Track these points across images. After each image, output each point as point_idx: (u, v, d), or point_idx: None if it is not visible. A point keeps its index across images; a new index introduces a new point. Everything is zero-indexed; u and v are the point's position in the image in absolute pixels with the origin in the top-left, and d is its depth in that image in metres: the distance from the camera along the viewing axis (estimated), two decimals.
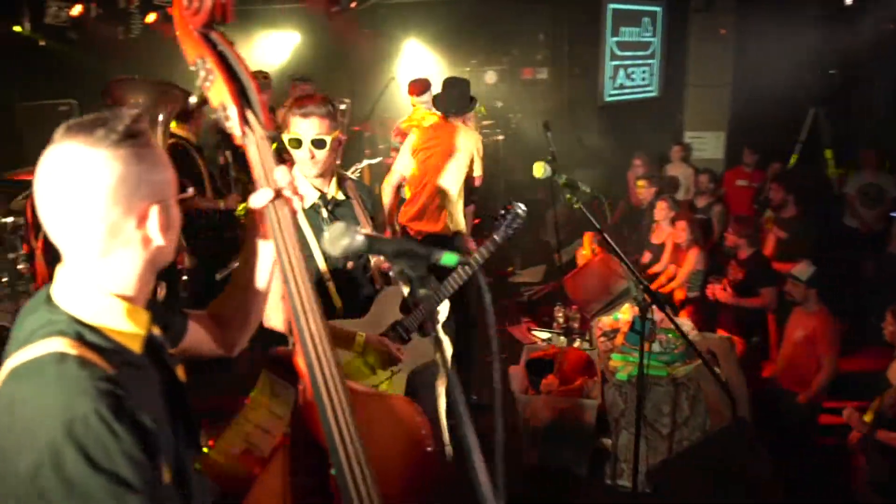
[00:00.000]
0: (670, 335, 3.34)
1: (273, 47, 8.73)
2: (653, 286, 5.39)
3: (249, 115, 1.33)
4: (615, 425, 3.04)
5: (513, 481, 2.83)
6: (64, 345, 0.99)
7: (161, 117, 3.15)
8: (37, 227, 3.34)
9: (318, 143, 2.20)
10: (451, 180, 3.80)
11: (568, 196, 2.46)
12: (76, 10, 5.86)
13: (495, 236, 2.61)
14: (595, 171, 8.13)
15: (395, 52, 9.05)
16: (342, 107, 6.20)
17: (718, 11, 8.22)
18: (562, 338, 4.55)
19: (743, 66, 8.19)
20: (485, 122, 7.68)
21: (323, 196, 2.33)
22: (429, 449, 1.59)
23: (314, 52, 8.83)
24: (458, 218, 3.89)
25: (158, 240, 1.09)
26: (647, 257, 5.88)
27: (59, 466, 0.90)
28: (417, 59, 9.03)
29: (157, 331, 1.20)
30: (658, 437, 3.04)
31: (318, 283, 2.29)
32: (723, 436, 2.82)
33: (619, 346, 3.30)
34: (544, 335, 4.69)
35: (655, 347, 3.17)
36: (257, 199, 1.23)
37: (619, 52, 8.18)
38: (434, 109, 4.37)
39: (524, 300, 5.36)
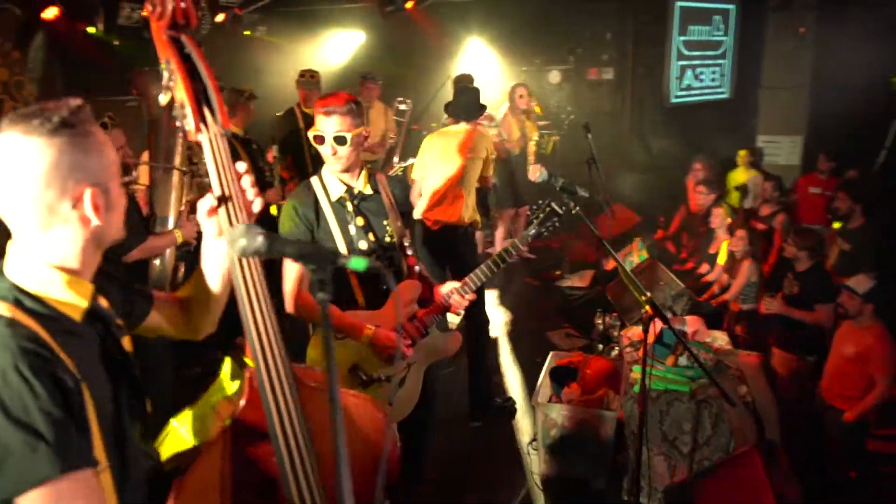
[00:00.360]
0: (702, 349, 3.17)
1: (338, 46, 8.93)
2: (704, 297, 5.17)
3: (206, 114, 1.39)
4: (634, 439, 2.93)
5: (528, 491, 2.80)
6: (1, 308, 1.09)
7: None
8: None
9: (340, 140, 2.25)
10: (463, 179, 3.80)
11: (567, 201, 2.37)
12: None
13: (527, 233, 2.55)
14: (656, 175, 7.88)
15: (456, 51, 9.07)
16: (402, 107, 6.28)
17: (797, 9, 7.77)
18: (600, 346, 4.43)
19: (823, 67, 7.71)
20: (540, 122, 7.57)
21: (349, 190, 2.37)
22: (385, 448, 1.57)
23: (378, 51, 8.97)
24: (472, 211, 3.90)
25: (95, 220, 1.17)
26: (704, 267, 5.64)
27: None
28: (479, 57, 9.01)
29: (104, 303, 1.29)
30: (678, 455, 2.90)
31: (341, 278, 2.32)
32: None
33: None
34: (581, 342, 4.57)
35: (683, 361, 3.02)
36: (204, 204, 1.32)
37: (686, 52, 7.86)
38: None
39: (568, 305, 5.24)
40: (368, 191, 2.41)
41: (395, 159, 5.89)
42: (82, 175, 1.15)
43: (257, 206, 1.41)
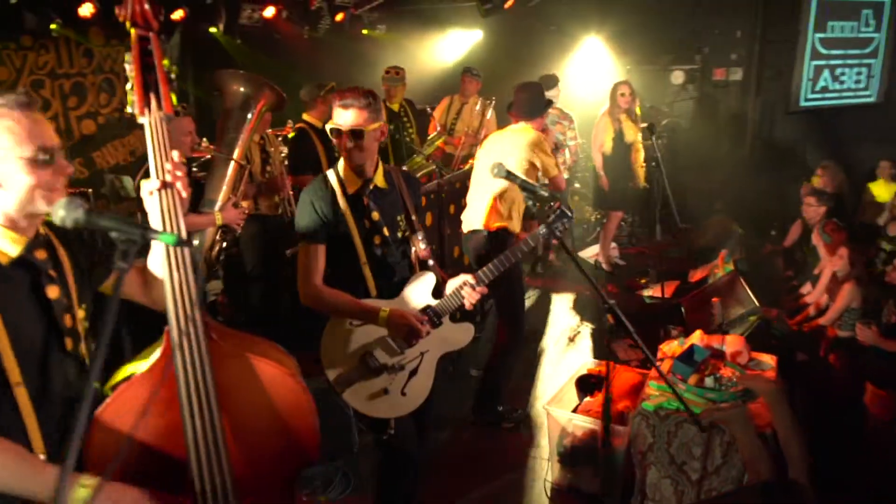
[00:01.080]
0: (736, 369, 2.92)
1: (454, 44, 9.10)
2: (797, 319, 4.72)
3: (152, 100, 1.58)
4: (641, 458, 2.76)
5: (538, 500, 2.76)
6: None
7: (255, 106, 3.55)
8: None
9: (356, 134, 2.28)
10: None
11: (529, 202, 2.27)
12: (269, 12, 6.70)
13: (536, 233, 2.49)
14: (777, 184, 7.23)
15: (572, 49, 8.90)
16: (478, 106, 6.27)
17: None
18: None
19: None
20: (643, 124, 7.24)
21: (365, 184, 2.41)
22: (305, 419, 1.67)
23: (493, 48, 9.05)
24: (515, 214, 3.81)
25: None
26: (806, 287, 5.14)
27: None
28: (594, 55, 8.78)
29: (41, 256, 1.52)
30: (686, 481, 2.69)
31: (355, 268, 2.40)
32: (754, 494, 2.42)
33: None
34: (641, 354, 4.36)
35: (709, 382, 2.80)
36: (147, 185, 1.53)
37: (823, 51, 7.13)
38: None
39: (643, 315, 5.00)
40: (383, 185, 2.47)
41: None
42: None
43: (184, 192, 1.58)
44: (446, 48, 9.07)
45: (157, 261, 1.64)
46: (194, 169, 3.86)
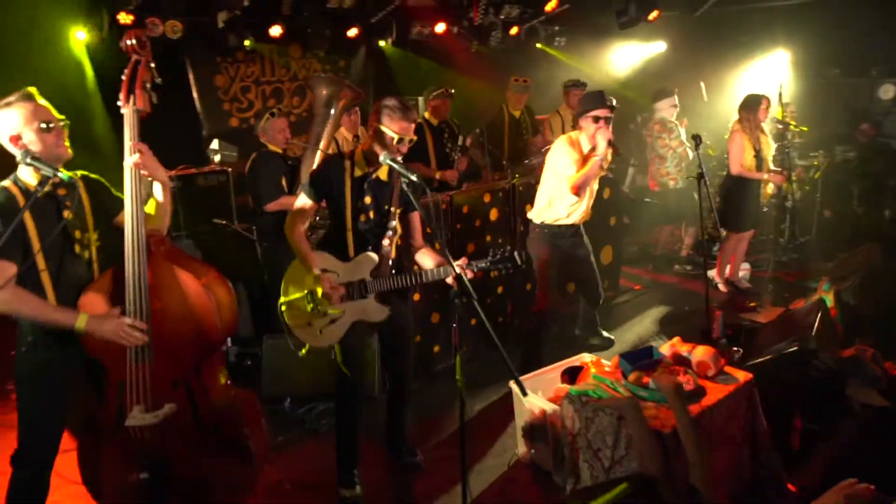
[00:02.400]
0: (693, 377, 2.94)
1: (635, 56, 9.18)
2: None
3: (130, 97, 2.41)
4: (571, 440, 2.92)
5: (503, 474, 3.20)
6: (7, 183, 2.34)
7: (336, 103, 4.38)
8: None
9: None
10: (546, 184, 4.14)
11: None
12: (440, 27, 7.57)
13: (476, 263, 2.85)
14: None
15: (753, 59, 8.41)
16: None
17: None
18: None
19: None
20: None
21: (368, 174, 3.04)
22: (209, 315, 2.40)
23: (673, 60, 8.95)
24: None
25: (14, 149, 2.32)
26: None
27: None
28: (780, 66, 8.19)
29: (62, 192, 2.41)
30: (600, 467, 2.79)
31: (342, 233, 3.05)
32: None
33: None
34: None
35: (651, 383, 2.87)
36: (127, 161, 2.36)
37: None
38: None
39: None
40: (384, 178, 3.06)
41: None
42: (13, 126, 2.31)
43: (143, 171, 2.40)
44: (626, 60, 9.17)
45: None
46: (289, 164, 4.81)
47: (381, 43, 7.33)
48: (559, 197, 4.04)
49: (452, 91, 5.62)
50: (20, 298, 2.25)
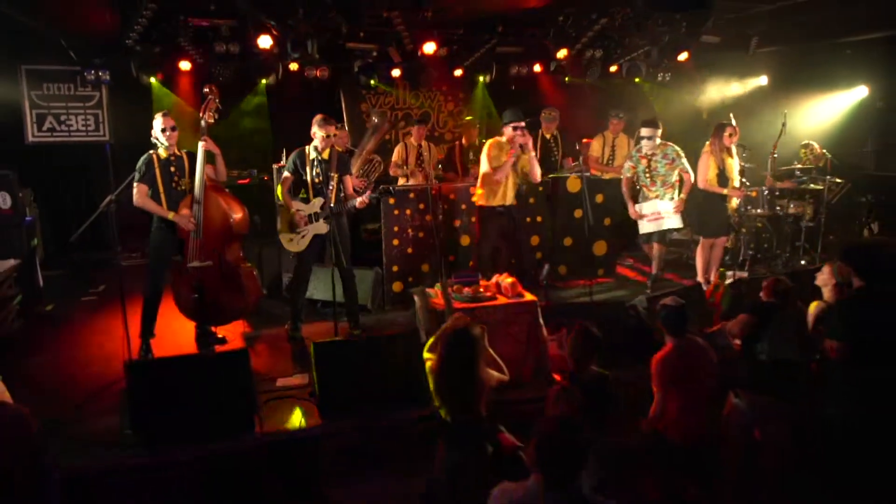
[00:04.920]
0: (500, 294, 4.86)
1: (735, 89, 10.27)
2: None
3: (205, 113, 5.28)
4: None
5: None
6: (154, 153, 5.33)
7: (377, 131, 6.92)
8: None
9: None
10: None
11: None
12: (537, 67, 9.67)
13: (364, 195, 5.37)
14: None
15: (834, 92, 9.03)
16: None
17: None
18: None
19: None
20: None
21: (319, 156, 5.49)
22: (236, 213, 5.13)
23: (772, 92, 9.88)
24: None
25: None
26: None
27: None
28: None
29: (173, 159, 5.34)
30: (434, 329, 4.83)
31: (305, 188, 5.60)
32: None
33: None
34: None
35: (467, 292, 4.85)
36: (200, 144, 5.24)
37: None
38: None
39: None
40: (326, 157, 5.49)
41: None
42: None
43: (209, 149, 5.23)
44: (724, 93, 10.27)
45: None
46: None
47: (480, 78, 9.70)
48: (487, 184, 6.02)
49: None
50: (148, 204, 5.14)
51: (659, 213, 6.78)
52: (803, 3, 7.59)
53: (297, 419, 4.35)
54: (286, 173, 5.58)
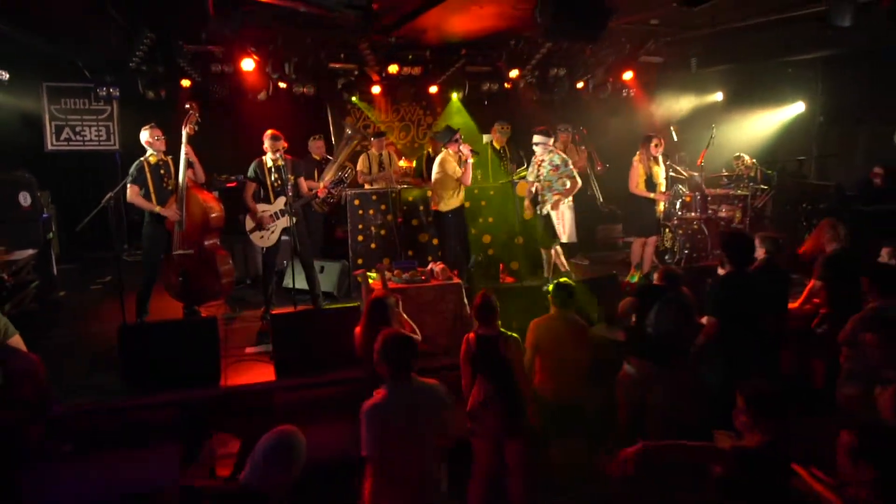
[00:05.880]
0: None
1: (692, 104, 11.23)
2: None
3: (186, 126, 6.36)
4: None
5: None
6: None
7: (349, 141, 7.95)
8: None
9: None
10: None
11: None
12: (507, 84, 10.67)
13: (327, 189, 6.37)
14: None
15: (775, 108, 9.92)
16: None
17: None
18: None
19: None
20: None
21: (276, 162, 6.54)
22: (215, 211, 6.21)
23: (726, 107, 10.83)
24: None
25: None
26: None
27: None
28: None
29: (161, 164, 6.45)
30: None
31: (266, 191, 6.65)
32: None
33: None
34: None
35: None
36: (182, 151, 6.34)
37: None
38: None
39: None
40: (282, 164, 6.52)
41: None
42: None
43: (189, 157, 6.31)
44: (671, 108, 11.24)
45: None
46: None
47: (455, 95, 10.73)
48: (444, 189, 7.07)
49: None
50: (139, 201, 6.19)
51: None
52: (740, 27, 8.53)
53: (256, 376, 5.37)
54: (248, 181, 6.61)
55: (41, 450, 4.53)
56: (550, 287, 5.09)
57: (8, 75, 8.17)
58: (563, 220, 7.71)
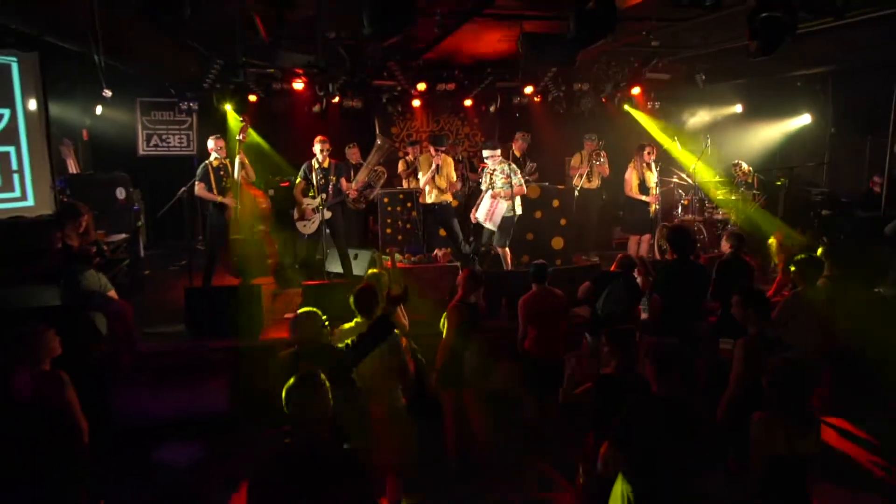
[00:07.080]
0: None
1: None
2: None
3: (242, 135, 8.04)
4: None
5: None
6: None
7: (381, 150, 9.43)
8: None
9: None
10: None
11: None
12: (537, 98, 11.92)
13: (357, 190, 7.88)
14: None
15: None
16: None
17: None
18: None
19: None
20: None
21: (321, 165, 8.17)
22: (259, 208, 7.82)
23: (744, 118, 11.73)
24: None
25: None
26: None
27: None
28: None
29: (223, 165, 8.12)
30: None
31: (312, 188, 8.28)
32: None
33: None
34: None
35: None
36: (237, 158, 8.03)
37: None
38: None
39: None
40: (326, 166, 8.10)
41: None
42: None
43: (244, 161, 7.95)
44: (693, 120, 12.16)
45: None
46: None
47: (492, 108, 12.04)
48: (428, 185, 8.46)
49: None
50: (204, 194, 7.85)
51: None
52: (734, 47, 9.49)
53: None
54: (299, 180, 8.17)
55: (128, 377, 6.17)
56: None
57: (111, 93, 10.09)
58: (494, 209, 8.27)
